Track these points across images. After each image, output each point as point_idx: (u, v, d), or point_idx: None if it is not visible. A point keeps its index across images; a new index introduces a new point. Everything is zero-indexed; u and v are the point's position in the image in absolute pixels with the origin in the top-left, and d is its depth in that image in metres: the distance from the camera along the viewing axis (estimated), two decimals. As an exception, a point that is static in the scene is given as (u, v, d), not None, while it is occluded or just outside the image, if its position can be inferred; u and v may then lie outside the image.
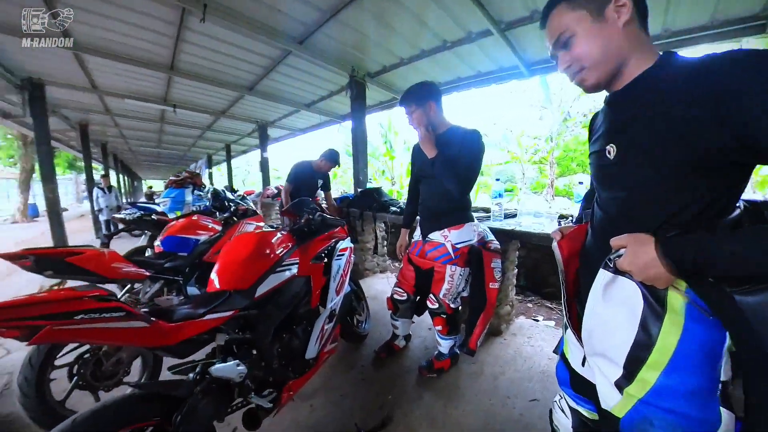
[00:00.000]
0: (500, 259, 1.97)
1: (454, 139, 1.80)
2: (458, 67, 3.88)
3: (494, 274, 1.91)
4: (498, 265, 1.94)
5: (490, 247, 1.93)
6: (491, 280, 1.91)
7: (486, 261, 1.90)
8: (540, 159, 9.87)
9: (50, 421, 1.55)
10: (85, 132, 7.69)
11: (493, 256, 1.92)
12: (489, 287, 1.91)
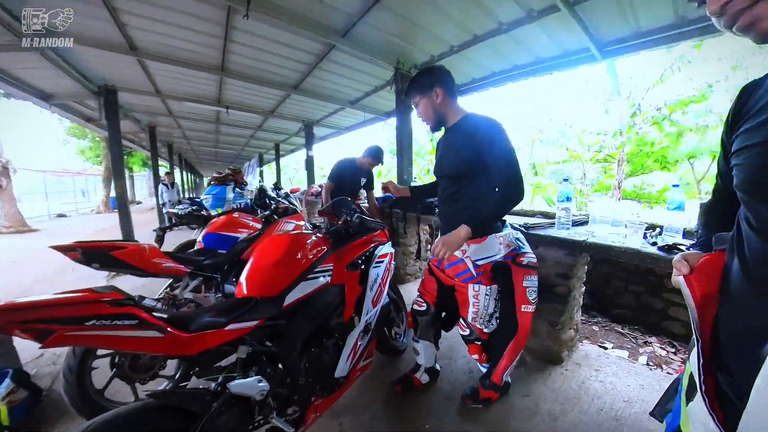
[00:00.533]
0: (536, 276, 1.62)
1: (467, 130, 1.53)
2: (515, 53, 3.48)
3: (527, 294, 1.58)
4: (533, 284, 1.60)
5: (522, 262, 1.58)
6: (523, 302, 1.58)
7: (516, 279, 1.57)
8: (605, 157, 8.80)
9: (89, 409, 1.58)
10: (153, 133, 8.39)
11: (525, 272, 1.58)
12: (521, 311, 1.58)
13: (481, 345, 1.71)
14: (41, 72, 4.23)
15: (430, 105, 1.58)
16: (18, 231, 9.10)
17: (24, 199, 12.69)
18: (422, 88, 1.57)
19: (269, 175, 18.99)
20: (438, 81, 1.55)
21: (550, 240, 2.01)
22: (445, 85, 1.55)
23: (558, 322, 2.10)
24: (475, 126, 1.51)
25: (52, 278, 4.50)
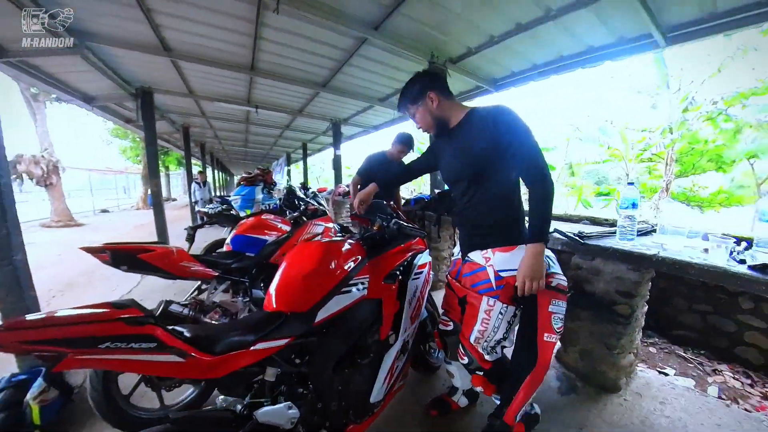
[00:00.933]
0: (565, 302, 1.37)
1: (475, 124, 1.36)
2: (562, 42, 3.19)
3: (552, 322, 1.33)
4: (560, 310, 1.35)
5: (551, 283, 1.34)
6: (547, 329, 1.34)
7: (541, 302, 1.34)
8: (651, 156, 8.08)
9: (115, 416, 1.54)
10: (187, 133, 8.66)
11: (553, 295, 1.34)
12: (543, 339, 1.34)
13: (484, 376, 1.47)
14: (84, 75, 4.40)
15: (427, 112, 1.43)
16: (66, 225, 9.70)
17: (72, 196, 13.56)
18: (414, 96, 1.44)
19: (296, 174, 19.31)
20: (429, 85, 1.41)
21: (611, 252, 1.75)
22: (438, 87, 1.43)
23: (617, 345, 1.84)
24: (483, 118, 1.35)
25: (93, 271, 4.69)
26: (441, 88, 1.43)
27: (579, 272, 1.94)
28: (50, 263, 5.26)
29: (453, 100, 1.47)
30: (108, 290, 4.02)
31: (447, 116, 1.43)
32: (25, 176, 8.94)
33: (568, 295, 1.38)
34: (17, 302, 2.10)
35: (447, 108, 1.43)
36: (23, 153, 8.91)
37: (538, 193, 1.28)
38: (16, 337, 0.70)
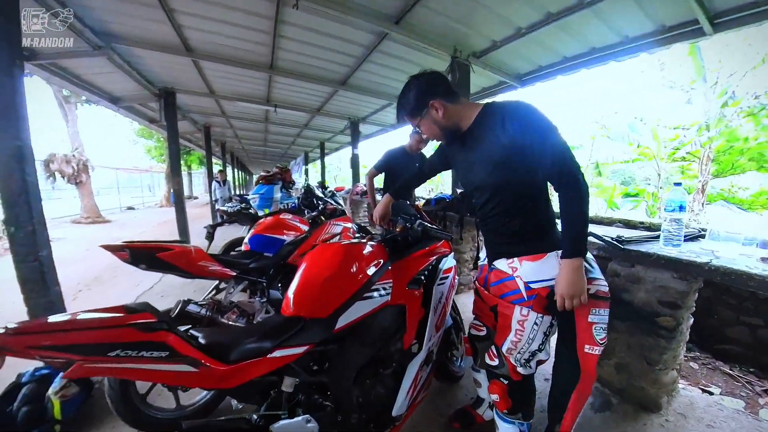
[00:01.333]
0: (608, 310, 1.22)
1: (491, 125, 1.18)
2: (595, 33, 3.00)
3: (594, 332, 1.19)
4: (603, 320, 1.20)
5: (590, 290, 1.19)
6: (588, 340, 1.20)
7: (579, 311, 1.20)
8: (684, 155, 7.57)
9: (131, 415, 1.53)
10: (208, 133, 8.83)
11: (593, 304, 1.20)
12: (583, 351, 1.21)
13: (507, 386, 1.34)
14: (110, 77, 4.51)
15: (433, 123, 1.27)
16: (94, 221, 10.11)
17: (101, 193, 14.16)
18: (415, 109, 1.26)
19: (313, 173, 19.47)
20: (430, 92, 1.23)
21: (655, 259, 1.60)
22: (441, 92, 1.24)
23: (659, 360, 1.68)
24: (500, 116, 1.17)
25: (118, 267, 4.81)
26: (444, 92, 1.24)
27: (616, 280, 1.79)
28: (79, 258, 5.45)
29: (460, 101, 1.28)
30: (132, 285, 4.11)
31: (457, 122, 1.27)
32: (57, 174, 9.34)
33: (610, 302, 1.24)
34: (42, 297, 2.13)
35: (455, 113, 1.26)
36: (56, 152, 9.31)
37: (571, 199, 1.11)
38: (24, 341, 0.67)
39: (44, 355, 0.68)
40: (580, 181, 1.10)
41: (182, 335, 0.86)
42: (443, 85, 1.26)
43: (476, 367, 1.57)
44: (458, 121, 1.27)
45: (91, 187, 10.35)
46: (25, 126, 2.00)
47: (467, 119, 1.26)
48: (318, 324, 1.10)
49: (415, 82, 1.27)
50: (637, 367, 1.75)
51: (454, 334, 1.85)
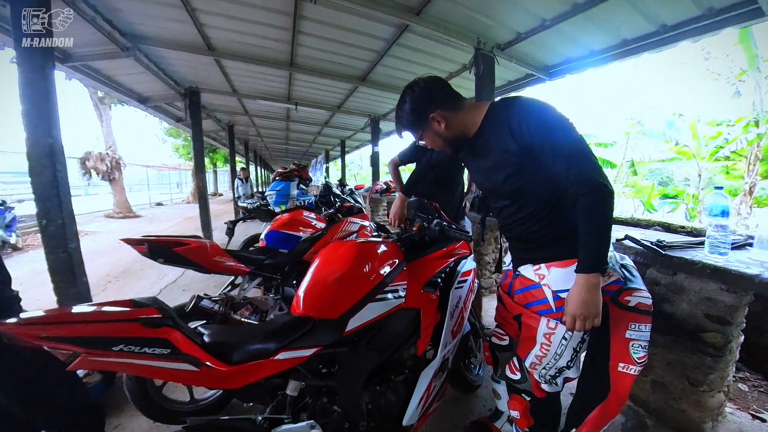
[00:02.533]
0: (649, 325, 1.07)
1: (498, 128, 1.07)
2: (627, 22, 2.79)
3: (631, 350, 1.05)
4: (643, 336, 1.06)
5: (628, 303, 1.06)
6: (623, 359, 1.06)
7: (616, 324, 1.07)
8: (730, 153, 6.98)
9: (147, 407, 1.56)
10: (232, 131, 9.05)
11: (632, 318, 1.06)
12: (616, 369, 1.08)
13: (529, 403, 1.22)
14: (138, 77, 4.68)
15: (436, 136, 1.17)
16: (125, 216, 10.62)
17: (133, 190, 14.88)
18: (416, 122, 1.16)
19: (334, 171, 19.65)
20: (428, 103, 1.12)
21: (700, 267, 1.44)
22: (440, 102, 1.12)
23: (704, 381, 1.51)
24: (505, 119, 1.04)
25: (145, 260, 4.97)
26: (444, 100, 1.13)
27: (656, 288, 1.64)
28: (110, 251, 5.70)
29: (463, 105, 1.15)
30: (157, 278, 4.25)
31: (462, 130, 1.16)
32: (92, 172, 9.86)
33: (652, 317, 1.10)
34: (70, 288, 2.20)
35: (459, 122, 1.14)
36: (91, 151, 9.84)
37: (589, 205, 0.96)
38: (32, 332, 0.67)
39: (52, 345, 0.68)
40: (600, 184, 0.95)
41: (187, 332, 0.84)
42: (442, 93, 1.14)
43: (496, 377, 1.46)
44: (464, 129, 1.16)
45: (123, 184, 10.87)
46: (56, 124, 2.07)
47: (473, 125, 1.15)
48: (328, 325, 1.05)
49: (410, 93, 1.16)
50: (677, 386, 1.58)
51: (472, 340, 1.75)
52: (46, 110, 2.03)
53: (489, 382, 1.60)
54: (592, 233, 0.98)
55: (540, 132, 0.99)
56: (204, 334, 0.91)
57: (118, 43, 3.45)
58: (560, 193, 1.09)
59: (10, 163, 9.90)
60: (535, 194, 1.11)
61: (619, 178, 9.09)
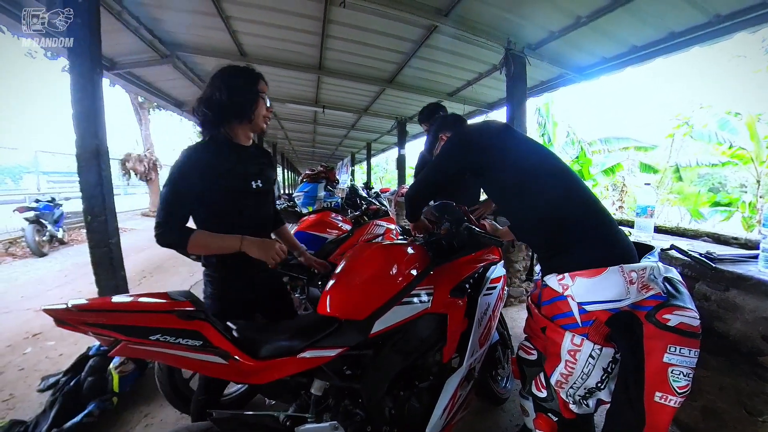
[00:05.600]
0: (696, 350, 0.94)
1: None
2: (674, 14, 2.61)
3: (669, 377, 0.92)
4: (685, 362, 0.92)
5: (668, 322, 0.92)
6: (660, 386, 0.93)
7: (651, 346, 0.94)
8: None
9: (175, 398, 1.63)
10: (261, 134, 9.33)
11: (672, 339, 0.92)
12: (653, 400, 0.94)
13: (557, 424, 1.14)
14: (175, 83, 4.92)
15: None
16: (161, 215, 11.17)
17: (169, 190, 15.64)
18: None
19: (360, 174, 19.84)
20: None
21: (754, 284, 1.30)
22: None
23: (764, 410, 1.36)
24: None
25: (178, 256, 5.23)
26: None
27: (705, 304, 1.50)
28: (146, 247, 6.02)
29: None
30: (188, 275, 4.44)
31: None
32: (132, 172, 10.48)
33: (700, 341, 0.97)
34: (110, 280, 2.32)
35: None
36: (131, 152, 10.47)
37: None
38: (80, 317, 0.72)
39: (96, 332, 0.73)
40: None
41: (218, 326, 0.86)
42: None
43: (524, 393, 1.39)
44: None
45: (159, 184, 11.46)
46: (102, 127, 2.20)
47: None
48: (353, 326, 1.04)
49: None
50: (732, 415, 1.43)
51: (500, 350, 1.69)
52: (94, 114, 2.15)
53: (517, 395, 1.52)
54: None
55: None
56: (233, 329, 0.93)
57: (158, 51, 3.64)
58: (548, 205, 1.12)
59: (59, 164, 10.73)
60: (522, 208, 1.19)
61: (662, 183, 8.42)
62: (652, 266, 1.02)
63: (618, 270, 0.98)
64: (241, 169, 1.22)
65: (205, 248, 1.18)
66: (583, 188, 1.16)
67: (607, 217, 1.11)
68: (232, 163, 1.19)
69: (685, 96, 32.35)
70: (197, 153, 1.17)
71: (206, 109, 1.20)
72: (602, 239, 1.06)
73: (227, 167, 1.17)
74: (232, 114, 1.21)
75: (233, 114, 1.21)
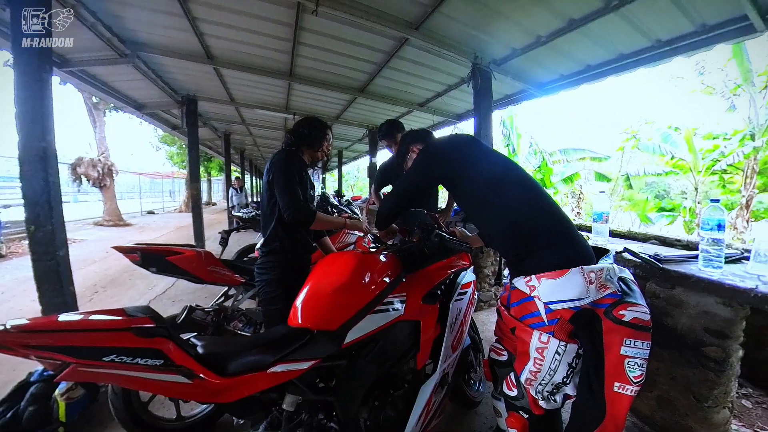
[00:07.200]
0: (648, 342, 1.05)
1: None
2: (623, 38, 2.86)
3: (626, 368, 1.02)
4: (639, 353, 1.03)
5: (623, 317, 1.03)
6: (618, 377, 1.03)
7: (609, 340, 1.04)
8: (726, 167, 7.08)
9: (132, 424, 1.51)
10: (228, 140, 9.03)
11: (627, 333, 1.03)
12: (612, 390, 1.03)
13: (527, 421, 1.20)
14: (135, 84, 4.66)
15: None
16: (115, 224, 10.42)
17: (124, 197, 14.67)
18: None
19: (331, 182, 19.65)
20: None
21: (695, 281, 1.44)
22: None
23: (709, 396, 1.49)
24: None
25: (135, 269, 4.87)
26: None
27: (656, 302, 1.63)
28: (98, 259, 5.57)
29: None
30: (146, 289, 4.14)
31: None
32: (83, 178, 9.71)
33: (651, 333, 1.07)
34: (56, 297, 2.13)
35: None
36: (83, 156, 9.71)
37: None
38: (21, 339, 0.65)
39: (40, 355, 0.66)
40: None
41: (181, 343, 0.81)
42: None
43: (496, 394, 1.43)
44: None
45: (114, 191, 10.71)
46: (50, 128, 2.03)
47: None
48: (326, 337, 1.02)
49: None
50: (682, 402, 1.55)
51: (472, 354, 1.72)
52: (41, 114, 1.99)
53: (490, 398, 1.55)
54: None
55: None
56: (198, 345, 0.89)
57: (117, 49, 3.44)
58: (506, 209, 1.20)
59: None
60: (486, 213, 1.26)
61: (615, 191, 9.22)
62: (608, 267, 1.10)
63: (579, 271, 1.06)
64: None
65: (325, 224, 1.59)
66: (545, 196, 1.23)
67: (567, 223, 1.19)
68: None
69: (633, 112, 35.80)
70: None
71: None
72: (564, 243, 1.14)
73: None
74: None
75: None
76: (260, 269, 1.57)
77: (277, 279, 1.52)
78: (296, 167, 1.54)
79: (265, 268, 1.55)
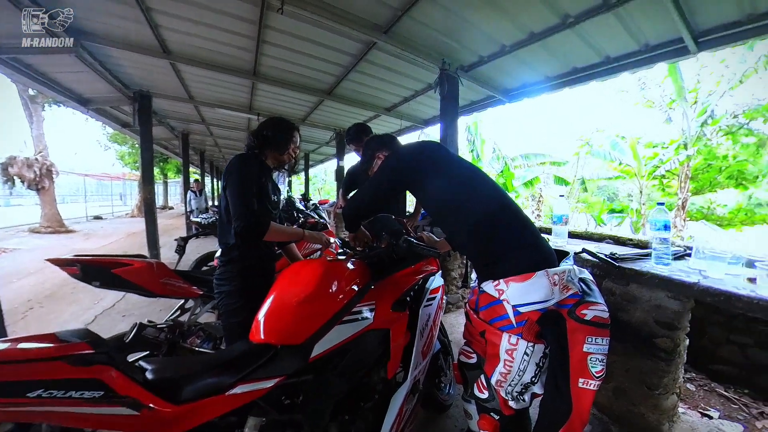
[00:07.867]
0: (607, 338, 1.12)
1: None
2: (576, 52, 3.05)
3: (589, 364, 1.09)
4: (600, 350, 1.10)
5: (585, 316, 1.09)
6: (582, 373, 1.09)
7: (573, 339, 1.10)
8: (665, 172, 7.87)
9: None
10: (186, 141, 8.52)
11: (589, 331, 1.09)
12: (577, 386, 1.10)
13: (499, 422, 1.23)
14: (79, 76, 4.25)
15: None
16: (55, 231, 9.41)
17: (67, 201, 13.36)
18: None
19: (297, 185, 19.21)
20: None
21: (649, 277, 1.54)
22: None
23: (659, 384, 1.59)
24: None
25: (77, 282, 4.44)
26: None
27: (612, 299, 1.72)
28: (33, 271, 5.01)
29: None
30: (92, 303, 3.76)
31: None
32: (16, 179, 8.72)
33: (610, 330, 1.14)
34: (-23, 317, 1.87)
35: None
36: (17, 155, 8.72)
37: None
38: None
39: None
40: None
41: (125, 369, 0.73)
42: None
43: (467, 397, 1.43)
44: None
45: (54, 194, 9.72)
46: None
47: None
48: (291, 352, 0.96)
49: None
50: (636, 392, 1.65)
51: (442, 358, 1.71)
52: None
53: (460, 401, 1.55)
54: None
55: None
56: (147, 369, 0.80)
57: (57, 36, 3.11)
58: (476, 216, 1.22)
59: None
60: (452, 220, 1.29)
61: (571, 194, 9.91)
62: (570, 269, 1.16)
63: (544, 274, 1.10)
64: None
65: (280, 236, 1.47)
66: (510, 202, 1.27)
67: (532, 227, 1.22)
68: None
69: (587, 121, 39.07)
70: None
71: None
72: (530, 247, 1.17)
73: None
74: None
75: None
76: (219, 280, 1.45)
77: (237, 290, 1.42)
78: (253, 173, 1.44)
79: (225, 279, 1.43)
